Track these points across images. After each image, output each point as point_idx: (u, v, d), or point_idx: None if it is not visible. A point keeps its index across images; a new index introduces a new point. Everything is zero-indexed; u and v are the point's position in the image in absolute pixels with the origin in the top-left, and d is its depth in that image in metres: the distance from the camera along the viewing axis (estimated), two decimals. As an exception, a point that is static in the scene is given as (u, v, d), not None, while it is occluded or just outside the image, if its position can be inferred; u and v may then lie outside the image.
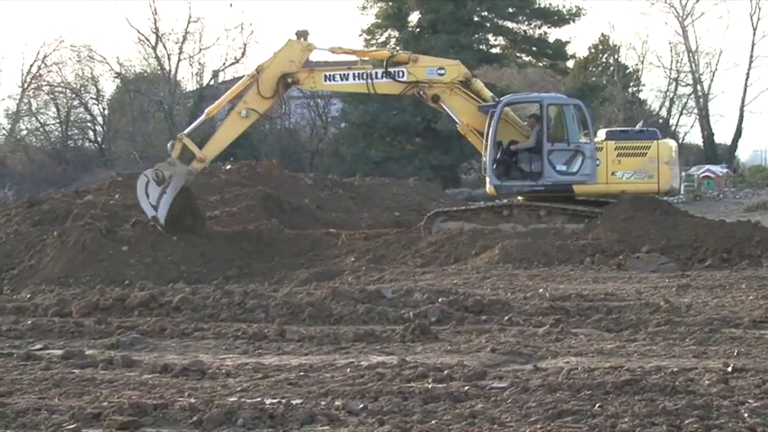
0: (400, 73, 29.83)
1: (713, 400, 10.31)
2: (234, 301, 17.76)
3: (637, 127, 31.63)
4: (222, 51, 76.57)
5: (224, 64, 71.71)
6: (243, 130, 30.93)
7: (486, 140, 29.44)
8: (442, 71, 30.06)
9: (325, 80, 30.07)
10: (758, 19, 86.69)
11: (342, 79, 30.13)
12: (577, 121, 30.07)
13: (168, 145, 29.47)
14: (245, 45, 71.17)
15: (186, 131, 29.91)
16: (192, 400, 10.77)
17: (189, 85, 72.53)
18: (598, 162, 29.34)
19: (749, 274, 21.72)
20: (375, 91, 30.67)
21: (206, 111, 30.56)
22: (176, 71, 70.92)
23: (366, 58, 30.85)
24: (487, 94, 30.66)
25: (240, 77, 72.34)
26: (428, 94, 29.84)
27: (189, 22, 70.32)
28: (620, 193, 29.50)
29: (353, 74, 29.88)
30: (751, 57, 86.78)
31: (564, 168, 29.57)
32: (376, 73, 29.91)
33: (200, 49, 71.12)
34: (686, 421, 9.48)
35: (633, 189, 29.65)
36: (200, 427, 9.94)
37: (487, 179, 29.81)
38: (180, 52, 70.54)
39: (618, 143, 29.78)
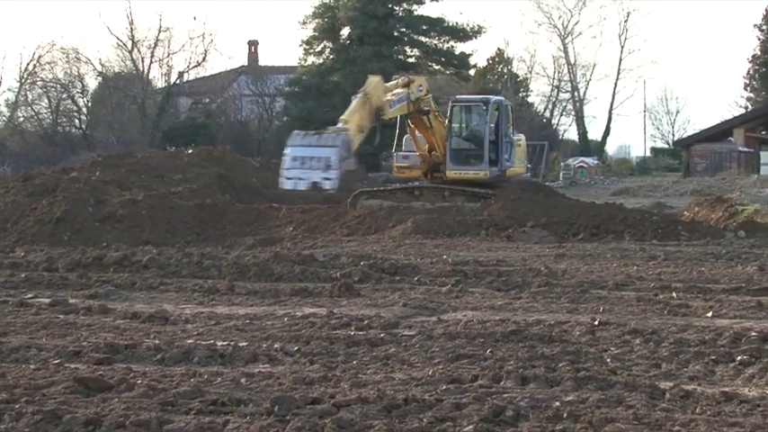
0: (410, 95, 28.38)
1: (582, 348, 10.41)
2: (192, 261, 17.68)
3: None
4: (187, 56, 75.90)
5: (188, 66, 71.52)
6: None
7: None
8: (421, 88, 28.81)
9: (390, 107, 28.49)
10: (625, 39, 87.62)
11: (398, 103, 28.55)
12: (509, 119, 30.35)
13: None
14: (205, 51, 70.94)
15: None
16: (157, 342, 10.74)
17: (159, 83, 72.20)
18: None
19: (613, 246, 21.86)
20: (410, 110, 28.62)
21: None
22: (148, 71, 70.65)
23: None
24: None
25: (201, 78, 72.47)
26: (425, 109, 28.82)
27: (159, 31, 69.95)
28: (517, 175, 30.55)
29: (398, 99, 27.89)
30: (618, 70, 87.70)
31: (506, 156, 29.92)
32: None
33: (169, 54, 70.78)
34: (560, 364, 9.55)
35: (520, 172, 30.97)
36: (163, 364, 9.91)
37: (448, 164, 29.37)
38: (152, 56, 70.17)
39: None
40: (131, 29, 70.02)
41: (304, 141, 25.28)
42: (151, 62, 70.43)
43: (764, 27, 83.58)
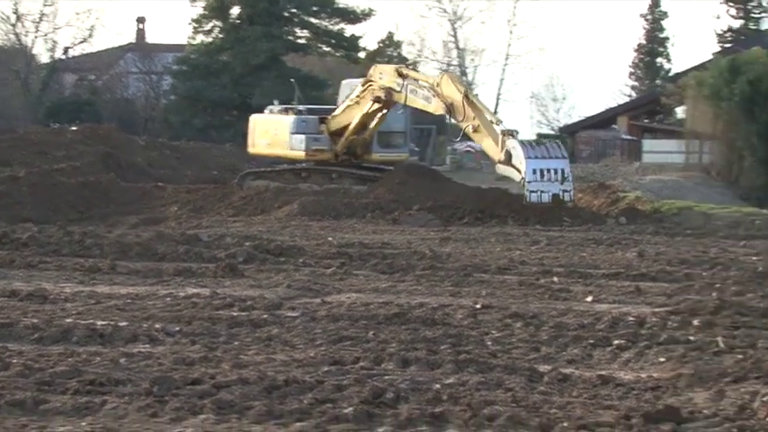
0: None
1: (464, 331, 10.50)
2: (74, 239, 17.44)
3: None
4: (73, 31, 74.58)
5: (74, 42, 70.42)
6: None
7: None
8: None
9: None
10: (514, 25, 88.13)
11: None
12: None
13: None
14: (92, 27, 69.84)
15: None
16: (35, 321, 10.58)
17: (43, 58, 70.96)
18: None
19: (497, 230, 22.07)
20: None
21: None
22: (32, 46, 69.36)
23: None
24: None
25: (87, 54, 71.44)
26: None
27: (45, 5, 68.71)
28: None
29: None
30: (507, 55, 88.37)
31: None
32: None
33: (54, 29, 69.57)
34: (442, 347, 9.62)
35: None
36: (41, 343, 9.78)
37: None
38: (36, 30, 68.94)
39: None
40: (15, 2, 68.77)
41: (538, 153, 25.09)
42: (36, 37, 69.28)
43: (650, 17, 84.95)
